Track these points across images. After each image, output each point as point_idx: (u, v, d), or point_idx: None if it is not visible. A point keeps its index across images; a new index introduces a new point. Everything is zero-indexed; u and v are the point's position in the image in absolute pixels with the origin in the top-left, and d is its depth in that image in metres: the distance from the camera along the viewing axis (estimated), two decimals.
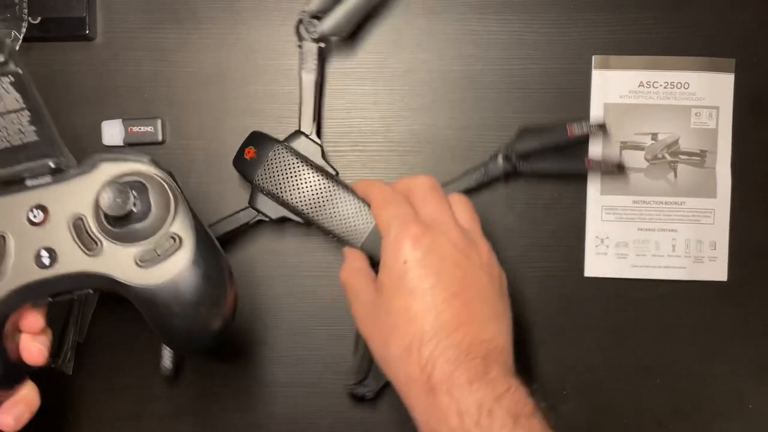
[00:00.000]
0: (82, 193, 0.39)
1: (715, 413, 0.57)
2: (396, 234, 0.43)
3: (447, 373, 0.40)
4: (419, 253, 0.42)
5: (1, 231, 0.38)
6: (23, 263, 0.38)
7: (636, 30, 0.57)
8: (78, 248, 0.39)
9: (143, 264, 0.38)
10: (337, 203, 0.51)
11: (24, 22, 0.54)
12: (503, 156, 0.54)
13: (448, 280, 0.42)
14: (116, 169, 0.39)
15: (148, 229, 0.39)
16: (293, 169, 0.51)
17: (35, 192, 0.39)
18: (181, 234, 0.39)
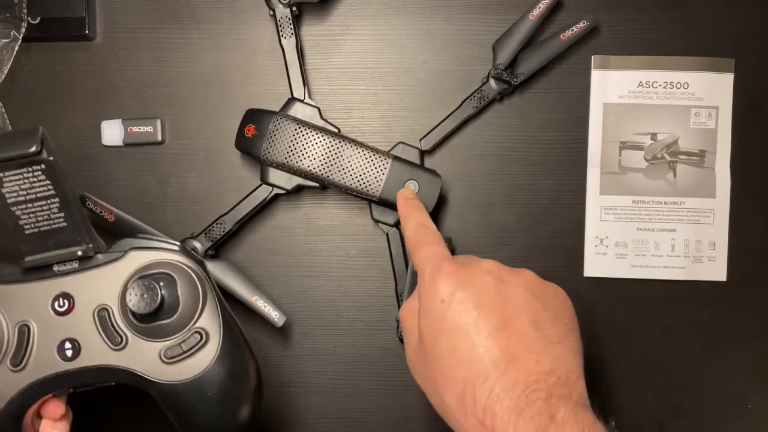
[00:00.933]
0: (109, 282, 0.38)
1: (715, 413, 0.57)
2: (430, 274, 0.41)
3: (509, 424, 0.35)
4: (455, 289, 0.39)
5: (26, 320, 0.38)
6: (46, 354, 0.38)
7: (636, 30, 0.57)
8: (102, 341, 0.38)
9: (168, 360, 0.38)
10: (347, 158, 0.52)
11: (23, 23, 0.54)
12: (494, 78, 0.54)
13: (490, 311, 0.38)
14: (145, 258, 0.39)
15: (175, 325, 0.38)
16: (296, 134, 0.52)
17: (62, 280, 0.38)
18: (208, 329, 0.38)
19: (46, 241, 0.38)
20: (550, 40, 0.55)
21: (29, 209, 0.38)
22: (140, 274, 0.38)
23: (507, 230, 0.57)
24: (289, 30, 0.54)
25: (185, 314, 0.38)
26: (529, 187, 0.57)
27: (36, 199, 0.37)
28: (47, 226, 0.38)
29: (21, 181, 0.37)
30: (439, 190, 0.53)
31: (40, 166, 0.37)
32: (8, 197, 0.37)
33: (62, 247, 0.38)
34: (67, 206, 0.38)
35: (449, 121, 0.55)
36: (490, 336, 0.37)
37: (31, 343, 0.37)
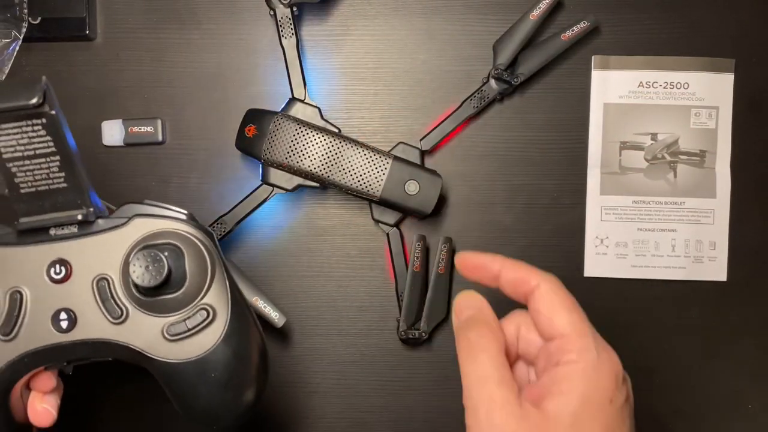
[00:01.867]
0: (110, 251, 0.35)
1: (715, 413, 0.57)
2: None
3: None
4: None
5: (18, 286, 0.35)
6: (39, 324, 0.35)
7: (636, 30, 0.57)
8: (101, 313, 0.35)
9: (171, 337, 0.35)
10: (347, 158, 0.52)
11: (24, 23, 0.54)
12: (494, 78, 0.54)
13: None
14: (150, 226, 0.36)
15: (180, 300, 0.35)
16: (297, 134, 0.52)
17: (59, 244, 0.35)
18: (215, 306, 0.35)
19: (43, 202, 0.35)
20: (551, 41, 0.55)
21: (26, 166, 0.34)
22: (145, 243, 0.35)
23: (507, 230, 0.57)
24: (289, 30, 0.54)
25: (192, 289, 0.35)
26: (529, 187, 0.57)
27: (34, 156, 0.34)
28: (45, 185, 0.35)
29: (19, 135, 0.34)
30: (439, 190, 0.53)
31: (41, 120, 0.34)
32: (4, 152, 0.34)
33: (61, 210, 0.35)
34: (68, 165, 0.35)
35: (449, 121, 0.55)
36: None
37: (24, 312, 0.34)
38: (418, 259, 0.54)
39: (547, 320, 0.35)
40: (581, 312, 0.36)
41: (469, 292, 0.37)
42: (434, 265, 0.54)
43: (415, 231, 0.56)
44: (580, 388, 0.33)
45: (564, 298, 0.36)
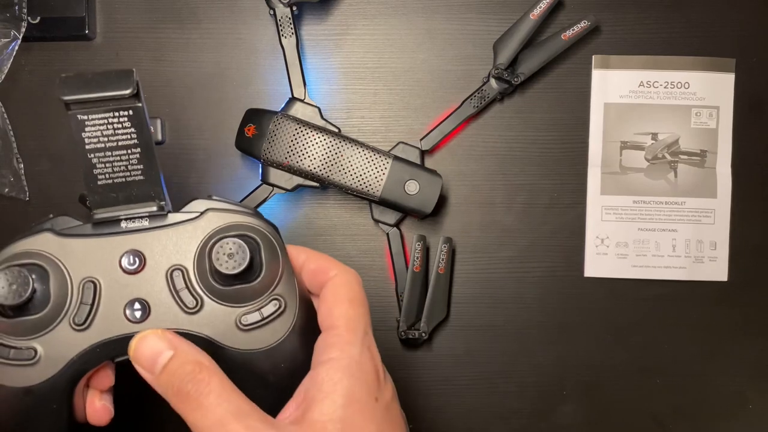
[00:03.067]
0: (185, 242, 0.35)
1: (715, 413, 0.57)
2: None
3: None
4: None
5: (92, 276, 0.35)
6: (112, 314, 0.34)
7: (636, 30, 0.57)
8: (175, 303, 0.35)
9: (244, 327, 0.35)
10: (347, 158, 0.52)
11: (23, 22, 0.54)
12: (494, 78, 0.54)
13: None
14: (224, 219, 0.36)
15: (255, 290, 0.35)
16: (297, 134, 0.52)
17: (132, 236, 0.35)
18: (286, 297, 0.35)
19: (118, 193, 0.35)
20: (551, 40, 0.55)
21: (107, 158, 0.34)
22: (222, 234, 0.35)
23: (507, 230, 0.57)
24: (289, 29, 0.54)
25: (266, 280, 0.35)
26: (529, 187, 0.57)
27: (116, 148, 0.34)
28: (122, 178, 0.35)
29: (105, 126, 0.34)
30: (439, 190, 0.53)
31: (128, 112, 0.34)
32: (87, 143, 0.34)
33: (135, 202, 0.35)
34: (147, 158, 0.35)
35: (450, 121, 0.55)
36: None
37: (98, 302, 0.34)
38: (418, 259, 0.54)
39: (327, 310, 0.34)
40: (364, 310, 0.35)
41: (149, 333, 0.33)
42: (434, 265, 0.54)
43: (415, 231, 0.56)
44: (343, 386, 0.31)
45: (353, 292, 0.35)
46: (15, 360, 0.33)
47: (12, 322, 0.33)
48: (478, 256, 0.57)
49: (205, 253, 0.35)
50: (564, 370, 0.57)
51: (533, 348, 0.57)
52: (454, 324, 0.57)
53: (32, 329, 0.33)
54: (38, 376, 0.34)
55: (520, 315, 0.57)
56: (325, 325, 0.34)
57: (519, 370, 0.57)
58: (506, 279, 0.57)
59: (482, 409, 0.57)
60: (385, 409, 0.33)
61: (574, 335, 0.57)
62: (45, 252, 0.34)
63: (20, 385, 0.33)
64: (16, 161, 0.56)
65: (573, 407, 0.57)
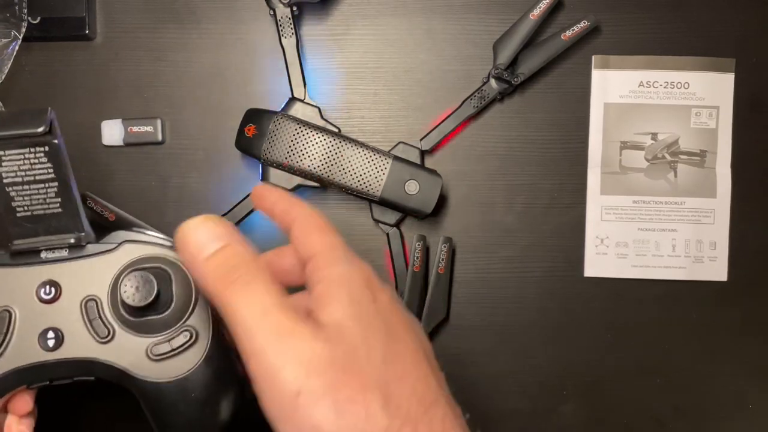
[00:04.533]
0: (100, 273, 0.37)
1: (715, 413, 0.57)
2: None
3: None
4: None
5: (7, 305, 0.36)
6: (26, 342, 0.36)
7: (636, 30, 0.57)
8: (88, 333, 0.36)
9: (154, 357, 0.36)
10: (347, 158, 0.52)
11: (24, 22, 0.54)
12: (494, 78, 0.54)
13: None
14: (139, 251, 0.37)
15: (166, 321, 0.36)
16: (297, 134, 0.52)
17: (49, 267, 0.36)
18: (198, 328, 0.37)
19: (37, 225, 0.36)
20: (551, 40, 0.55)
21: (25, 191, 0.36)
22: (134, 266, 0.37)
23: (507, 230, 0.57)
24: (289, 29, 0.54)
25: (177, 311, 0.36)
26: (529, 187, 0.57)
27: (34, 182, 0.35)
28: (41, 210, 0.36)
29: (21, 161, 0.35)
30: (439, 190, 0.53)
31: (44, 148, 0.35)
32: (5, 177, 0.35)
33: (54, 233, 0.36)
34: (65, 192, 0.36)
35: (449, 121, 0.55)
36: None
37: (11, 330, 0.35)
38: (418, 259, 0.54)
39: (301, 243, 0.35)
40: (335, 233, 0.35)
41: (205, 219, 0.32)
42: (434, 265, 0.54)
43: (415, 231, 0.56)
44: (343, 293, 0.32)
45: (319, 222, 0.35)
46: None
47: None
48: (478, 256, 0.57)
49: (118, 284, 0.36)
50: (564, 370, 0.57)
51: (533, 348, 0.57)
52: (454, 324, 0.57)
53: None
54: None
55: (520, 315, 0.57)
56: (305, 256, 0.34)
57: (519, 370, 0.57)
58: (506, 279, 0.57)
59: (482, 409, 0.57)
60: (387, 310, 0.33)
61: (574, 335, 0.57)
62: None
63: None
64: None
65: (573, 407, 0.57)
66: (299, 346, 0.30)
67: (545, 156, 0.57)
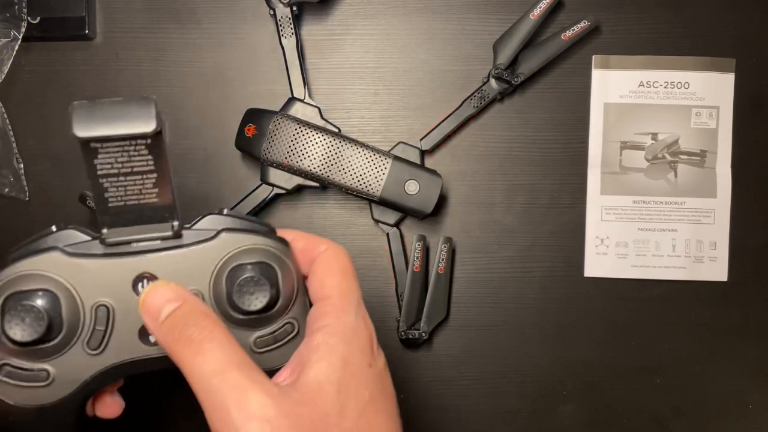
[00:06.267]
0: (199, 265, 0.34)
1: (715, 413, 0.57)
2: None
3: None
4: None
5: (105, 300, 0.34)
6: (127, 338, 0.34)
7: (636, 30, 0.57)
8: None
9: (257, 350, 0.34)
10: (347, 158, 0.52)
11: (23, 22, 0.54)
12: (494, 77, 0.54)
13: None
14: (239, 242, 0.34)
15: (271, 316, 0.34)
16: (296, 134, 0.52)
17: (144, 258, 0.34)
18: (299, 320, 0.35)
19: (130, 215, 0.33)
20: (551, 40, 0.55)
21: (120, 182, 0.33)
22: (238, 261, 0.34)
23: (507, 230, 0.57)
24: (289, 29, 0.54)
25: (282, 305, 0.34)
26: (529, 187, 0.57)
27: (131, 173, 0.32)
28: (135, 200, 0.33)
29: (119, 153, 0.32)
30: (439, 190, 0.53)
31: (146, 141, 0.32)
32: (100, 169, 0.32)
33: (147, 223, 0.34)
34: (163, 182, 0.33)
35: (449, 120, 0.55)
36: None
37: (111, 326, 0.33)
38: (418, 259, 0.54)
39: (319, 282, 0.34)
40: (356, 283, 0.34)
41: (161, 284, 0.32)
42: (434, 265, 0.54)
43: (415, 231, 0.55)
44: (339, 350, 0.31)
45: (344, 265, 0.34)
46: (27, 382, 0.33)
47: (24, 350, 0.32)
48: (478, 256, 0.57)
49: (222, 280, 0.34)
50: (564, 370, 0.57)
51: (533, 348, 0.57)
52: (454, 324, 0.57)
53: (44, 354, 0.33)
54: (51, 396, 0.33)
55: (520, 315, 0.57)
56: (318, 296, 0.34)
57: (519, 370, 0.57)
58: (506, 279, 0.57)
59: (482, 409, 0.57)
60: (378, 376, 0.33)
61: (574, 335, 0.57)
62: (54, 276, 0.33)
63: (33, 405, 0.33)
64: (15, 161, 0.56)
65: (573, 407, 0.57)
66: (264, 402, 0.29)
67: (545, 156, 0.57)
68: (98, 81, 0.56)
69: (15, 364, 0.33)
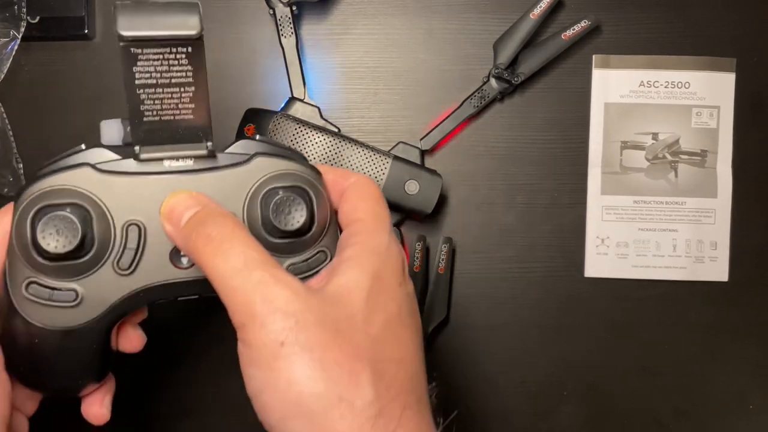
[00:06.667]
0: (234, 188, 0.33)
1: (716, 413, 0.57)
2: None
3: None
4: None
5: (136, 219, 0.32)
6: (158, 260, 0.33)
7: (636, 29, 0.56)
8: None
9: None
10: (347, 157, 0.52)
11: (23, 22, 0.54)
12: (494, 77, 0.54)
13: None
14: (273, 166, 0.34)
15: (305, 242, 0.34)
16: (296, 134, 0.52)
17: (177, 177, 0.33)
18: (329, 248, 0.34)
19: (164, 132, 0.33)
20: (551, 40, 0.55)
21: (157, 94, 0.32)
22: (273, 184, 0.33)
23: (507, 230, 0.57)
24: (289, 29, 0.54)
25: (315, 232, 0.33)
26: (529, 187, 0.57)
27: (169, 85, 0.32)
28: (171, 116, 0.32)
29: (159, 61, 0.31)
30: (439, 190, 0.53)
31: (187, 49, 0.31)
32: (138, 78, 0.31)
33: (182, 141, 0.33)
34: (200, 98, 0.32)
35: (450, 120, 0.55)
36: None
37: (143, 247, 0.32)
38: (418, 259, 0.54)
39: (351, 206, 0.33)
40: (387, 209, 0.34)
41: (181, 191, 0.32)
42: (434, 265, 0.54)
43: (415, 231, 0.55)
44: (371, 262, 0.31)
45: (376, 193, 0.34)
46: (56, 302, 0.32)
47: (53, 265, 0.31)
48: (478, 256, 0.56)
49: (257, 203, 0.33)
50: (564, 370, 0.57)
51: (533, 348, 0.57)
52: (454, 324, 0.56)
53: (74, 272, 0.32)
54: (78, 318, 0.33)
55: (520, 315, 0.57)
56: (350, 219, 0.33)
57: (519, 370, 0.57)
58: (506, 279, 0.57)
59: (482, 409, 0.57)
60: (408, 296, 0.32)
61: (575, 335, 0.57)
62: (86, 191, 0.32)
63: (60, 327, 0.32)
64: (15, 161, 0.56)
65: (573, 407, 0.57)
66: (289, 297, 0.28)
67: (545, 156, 0.57)
68: (98, 81, 0.56)
69: (43, 282, 0.32)
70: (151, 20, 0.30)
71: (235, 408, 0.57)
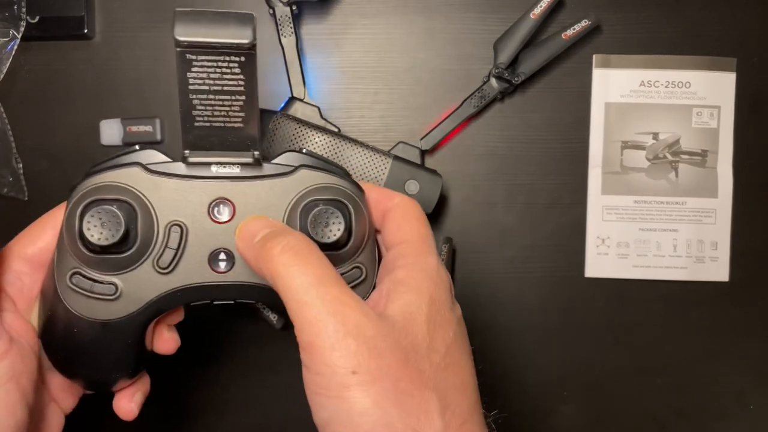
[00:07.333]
0: (276, 198, 0.34)
1: (716, 413, 0.57)
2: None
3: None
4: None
5: (179, 220, 0.34)
6: (196, 262, 0.34)
7: (637, 29, 0.56)
8: None
9: None
10: (347, 157, 0.52)
11: (22, 21, 0.54)
12: (495, 77, 0.54)
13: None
14: (317, 179, 0.35)
15: (341, 257, 0.34)
16: (296, 134, 0.52)
17: (223, 184, 0.34)
18: (367, 266, 0.35)
19: (213, 139, 0.34)
20: (552, 39, 0.55)
21: (209, 101, 0.33)
22: (314, 196, 0.34)
23: (507, 230, 0.56)
24: (288, 29, 0.54)
25: (352, 247, 0.34)
26: (529, 187, 0.56)
27: (221, 92, 0.33)
28: (221, 122, 0.34)
29: (213, 69, 0.32)
30: (439, 189, 0.52)
31: (240, 58, 0.32)
32: (191, 83, 0.33)
33: (230, 149, 0.34)
34: (250, 107, 0.33)
35: (450, 120, 0.55)
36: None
37: (183, 247, 0.34)
38: None
39: (396, 227, 0.34)
40: (430, 231, 0.34)
41: (259, 217, 0.33)
42: None
43: None
44: (426, 286, 0.31)
45: (420, 215, 0.34)
46: (96, 294, 0.33)
47: (97, 257, 0.33)
48: (478, 256, 0.56)
49: (297, 213, 0.34)
50: (564, 371, 0.57)
51: (533, 348, 0.57)
52: None
53: (116, 266, 0.33)
54: (117, 311, 0.34)
55: (520, 315, 0.57)
56: (395, 240, 0.33)
57: (519, 371, 0.57)
58: (506, 279, 0.57)
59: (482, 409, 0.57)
60: (459, 321, 0.32)
61: (575, 335, 0.57)
62: (134, 189, 0.33)
63: (99, 319, 0.34)
64: (15, 161, 0.56)
65: (573, 408, 0.57)
66: (360, 321, 0.28)
67: (546, 156, 0.57)
68: (98, 80, 0.56)
69: (86, 274, 0.33)
70: (206, 27, 0.32)
71: (244, 408, 0.57)
